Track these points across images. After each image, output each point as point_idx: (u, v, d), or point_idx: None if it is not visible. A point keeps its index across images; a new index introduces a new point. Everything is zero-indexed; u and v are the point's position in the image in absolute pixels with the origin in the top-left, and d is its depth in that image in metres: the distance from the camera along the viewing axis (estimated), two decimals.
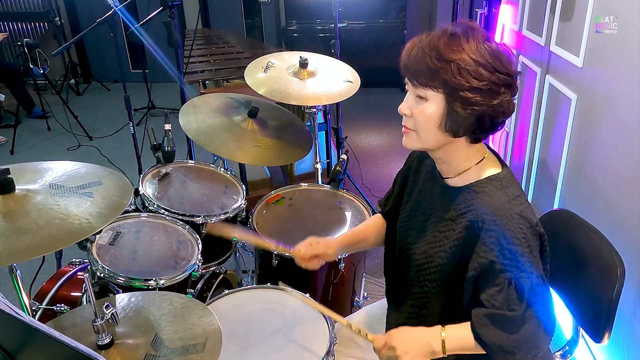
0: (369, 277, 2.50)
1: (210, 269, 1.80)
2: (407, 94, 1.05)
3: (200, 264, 1.57)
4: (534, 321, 1.00)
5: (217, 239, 1.82)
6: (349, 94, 2.03)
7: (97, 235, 1.54)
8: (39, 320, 1.47)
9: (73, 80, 5.86)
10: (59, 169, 1.25)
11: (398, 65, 1.03)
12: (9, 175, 1.09)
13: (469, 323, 1.06)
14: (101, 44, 6.00)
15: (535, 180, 2.48)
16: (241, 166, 2.84)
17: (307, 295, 1.42)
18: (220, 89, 3.00)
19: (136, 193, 1.76)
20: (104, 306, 1.04)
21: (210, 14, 5.79)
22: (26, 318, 0.71)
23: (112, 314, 1.04)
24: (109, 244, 1.55)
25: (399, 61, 1.03)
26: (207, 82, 3.06)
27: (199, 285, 1.67)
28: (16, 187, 1.11)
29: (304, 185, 2.00)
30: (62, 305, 1.49)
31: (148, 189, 1.82)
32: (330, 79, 2.08)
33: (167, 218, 1.69)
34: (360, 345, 1.37)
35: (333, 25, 2.72)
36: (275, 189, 1.96)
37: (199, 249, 1.61)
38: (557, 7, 2.17)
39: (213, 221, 1.74)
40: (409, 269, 1.18)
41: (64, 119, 4.52)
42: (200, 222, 1.72)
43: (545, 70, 2.34)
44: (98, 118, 5.03)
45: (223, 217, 1.77)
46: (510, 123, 2.96)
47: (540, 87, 2.39)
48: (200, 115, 1.99)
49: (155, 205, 1.72)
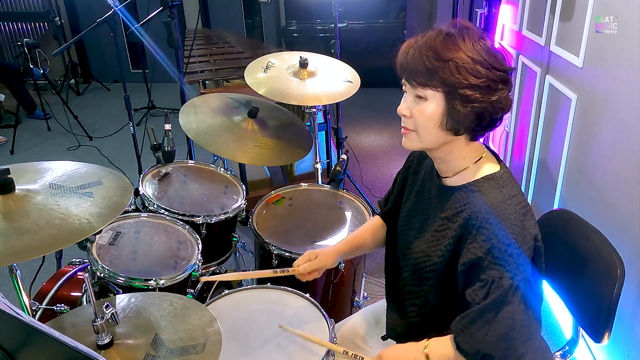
0: (369, 277, 2.50)
1: (210, 269, 1.80)
2: (405, 95, 1.06)
3: (200, 264, 1.57)
4: (509, 321, 0.98)
5: (217, 238, 1.83)
6: (349, 94, 2.03)
7: (97, 235, 1.54)
8: (39, 320, 1.47)
9: (73, 80, 5.87)
10: (59, 169, 1.25)
11: (394, 66, 1.04)
12: (9, 175, 1.09)
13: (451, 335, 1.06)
14: (101, 44, 6.01)
15: (535, 180, 2.48)
16: (241, 166, 2.84)
17: (305, 292, 1.43)
18: (220, 89, 3.00)
19: (136, 193, 1.77)
20: (104, 306, 1.04)
21: (210, 14, 5.79)
22: (26, 318, 0.71)
23: (112, 314, 1.04)
24: (109, 244, 1.55)
25: (395, 62, 1.04)
26: (207, 82, 3.06)
27: (199, 286, 1.67)
28: (16, 187, 1.11)
29: (304, 185, 2.00)
30: (62, 305, 1.50)
31: (148, 189, 1.82)
32: (330, 79, 2.08)
33: (167, 218, 1.69)
34: (359, 346, 1.38)
35: (333, 25, 2.72)
36: (275, 189, 1.96)
37: (199, 249, 1.61)
38: (557, 7, 2.17)
39: (213, 221, 1.74)
40: (407, 268, 1.19)
41: (64, 119, 4.52)
42: (200, 222, 1.72)
43: (545, 70, 2.34)
44: (98, 118, 5.03)
45: (223, 217, 1.77)
46: (510, 123, 2.96)
47: (540, 87, 2.39)
48: (200, 115, 1.99)
49: (155, 205, 1.72)
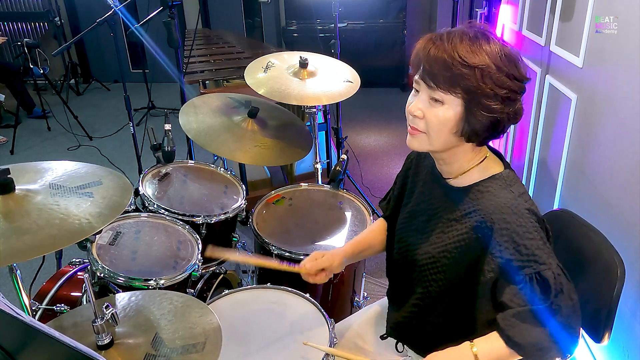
0: (369, 277, 2.50)
1: (210, 269, 1.80)
2: (419, 94, 1.01)
3: (200, 264, 1.57)
4: (565, 310, 0.98)
5: (218, 239, 1.83)
6: (349, 94, 2.03)
7: (97, 235, 1.54)
8: (39, 320, 1.47)
9: (73, 80, 5.86)
10: (59, 169, 1.25)
11: (406, 63, 1.02)
12: (9, 175, 1.09)
13: (495, 332, 1.03)
14: (101, 44, 6.00)
15: (535, 180, 2.48)
16: (241, 166, 2.84)
17: (307, 294, 1.43)
18: (220, 89, 3.00)
19: (136, 193, 1.77)
20: (104, 306, 1.04)
21: (210, 14, 5.79)
22: (26, 318, 0.71)
23: (112, 314, 1.04)
24: (109, 244, 1.56)
25: (407, 59, 1.02)
26: (207, 82, 3.06)
27: (199, 285, 1.68)
28: (16, 187, 1.11)
29: (304, 185, 2.00)
30: (62, 305, 1.50)
31: (148, 189, 1.82)
32: (330, 79, 2.08)
33: (167, 218, 1.69)
34: (360, 346, 1.37)
35: (333, 25, 2.72)
36: (275, 189, 1.96)
37: (199, 249, 1.61)
38: (557, 7, 2.17)
39: (213, 221, 1.74)
40: (411, 270, 1.17)
41: (64, 119, 4.52)
42: (200, 222, 1.72)
43: (545, 70, 2.34)
44: (98, 118, 5.02)
45: (223, 217, 1.77)
46: None
47: (540, 87, 2.39)
48: (200, 115, 1.99)
49: (155, 205, 1.72)
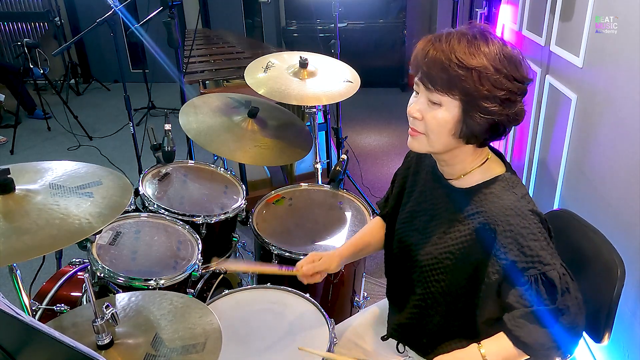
0: (369, 277, 2.50)
1: (210, 269, 1.80)
2: (418, 96, 1.01)
3: (200, 264, 1.57)
4: (572, 309, 0.98)
5: (217, 238, 1.83)
6: (349, 94, 2.03)
7: (97, 235, 1.54)
8: (39, 320, 1.47)
9: (73, 80, 5.86)
10: (59, 169, 1.25)
11: (405, 63, 1.02)
12: (9, 176, 1.09)
13: (502, 332, 1.03)
14: (101, 44, 6.00)
15: (535, 180, 2.48)
16: (241, 166, 2.84)
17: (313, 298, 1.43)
18: (220, 89, 3.00)
19: (136, 193, 1.77)
20: (104, 306, 1.04)
21: (210, 14, 5.79)
22: (26, 318, 0.71)
23: (112, 314, 1.04)
24: (109, 244, 1.56)
25: (407, 59, 1.02)
26: (207, 82, 3.06)
27: (199, 285, 1.68)
28: (16, 187, 1.11)
29: (304, 185, 2.00)
30: (62, 305, 1.50)
31: (148, 189, 1.82)
32: (330, 79, 2.08)
33: (167, 218, 1.69)
34: (360, 346, 1.37)
35: (333, 25, 2.72)
36: (275, 189, 1.96)
37: (199, 249, 1.61)
38: (557, 7, 2.16)
39: (213, 221, 1.74)
40: (412, 270, 1.17)
41: (64, 119, 4.52)
42: (200, 222, 1.72)
43: (545, 70, 2.34)
44: (98, 118, 5.02)
45: (223, 217, 1.77)
46: None
47: (540, 87, 2.39)
48: (200, 115, 1.99)
49: (155, 205, 1.72)
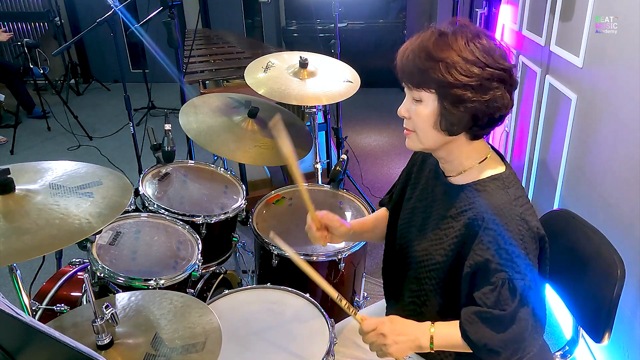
0: (369, 277, 2.50)
1: (210, 269, 1.80)
2: (405, 97, 1.07)
3: (200, 264, 1.56)
4: (524, 322, 1.00)
5: (217, 238, 1.83)
6: (349, 94, 2.03)
7: (97, 235, 1.54)
8: (39, 320, 1.47)
9: (73, 80, 5.86)
10: (59, 169, 1.25)
11: (394, 68, 1.05)
12: (9, 176, 1.09)
13: (459, 321, 1.07)
14: (101, 44, 6.00)
15: (535, 180, 2.48)
16: (241, 166, 2.84)
17: (307, 294, 1.43)
18: (220, 89, 3.00)
19: (136, 193, 1.77)
20: (104, 306, 1.03)
21: (210, 14, 5.79)
22: (26, 318, 0.71)
23: (112, 314, 1.04)
24: (109, 244, 1.55)
25: (394, 64, 1.05)
26: (207, 82, 3.06)
27: (199, 285, 1.68)
28: (16, 187, 1.11)
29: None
30: (62, 305, 1.49)
31: (148, 189, 1.82)
32: (330, 79, 2.08)
33: (167, 218, 1.69)
34: (360, 346, 1.37)
35: (333, 25, 2.72)
36: (275, 189, 1.96)
37: (199, 249, 1.61)
38: (557, 7, 2.17)
39: (213, 221, 1.74)
40: (408, 266, 1.19)
41: (64, 119, 4.52)
42: (200, 222, 1.72)
43: (545, 70, 2.34)
44: (98, 118, 5.02)
45: (223, 217, 1.77)
46: (510, 123, 2.96)
47: (540, 87, 2.39)
48: (200, 115, 1.99)
49: (155, 205, 1.72)
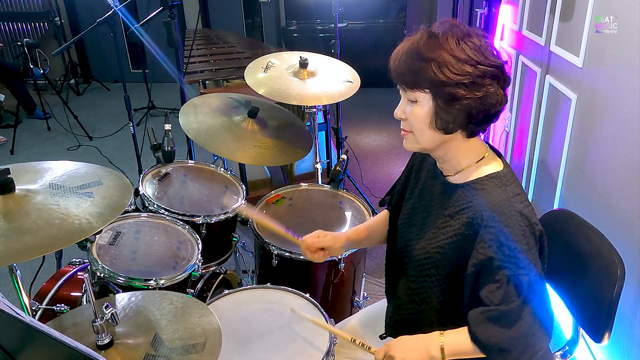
0: (369, 277, 2.50)
1: (210, 269, 1.80)
2: (401, 99, 1.08)
3: (200, 264, 1.57)
4: (530, 318, 1.00)
5: (217, 238, 1.83)
6: (349, 94, 2.03)
7: (97, 235, 1.54)
8: (39, 320, 1.47)
9: (73, 80, 5.86)
10: (59, 169, 1.25)
11: (389, 71, 1.06)
12: (9, 176, 1.09)
13: (467, 327, 1.06)
14: (101, 44, 6.00)
15: (535, 180, 2.48)
16: (241, 166, 2.84)
17: (308, 295, 1.43)
18: (220, 89, 3.00)
19: (136, 193, 1.77)
20: (104, 306, 1.04)
21: (210, 14, 5.79)
22: (26, 318, 0.71)
23: (112, 314, 1.04)
24: (109, 244, 1.55)
25: (389, 68, 1.06)
26: (207, 82, 3.06)
27: (199, 285, 1.68)
28: (16, 187, 1.11)
29: (304, 185, 2.00)
30: (62, 305, 1.49)
31: (148, 189, 1.82)
32: (330, 79, 2.08)
33: (167, 218, 1.69)
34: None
35: (333, 25, 2.72)
36: (275, 189, 1.96)
37: (199, 249, 1.61)
38: (557, 7, 2.17)
39: (213, 221, 1.74)
40: (408, 265, 1.19)
41: (64, 119, 4.52)
42: (200, 222, 1.72)
43: (545, 70, 2.34)
44: (98, 118, 5.02)
45: (223, 217, 1.77)
46: (510, 123, 2.96)
47: (540, 87, 2.39)
48: (200, 115, 1.99)
49: (155, 205, 1.72)
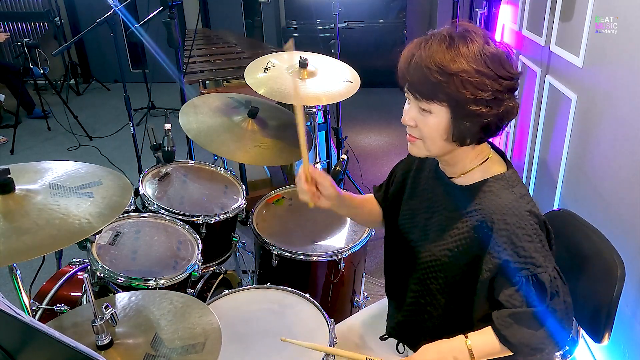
0: (369, 277, 2.50)
1: (210, 269, 1.80)
2: (409, 105, 1.03)
3: (200, 264, 1.56)
4: (558, 313, 0.99)
5: (217, 238, 1.83)
6: (349, 94, 2.02)
7: (97, 235, 1.54)
8: (39, 320, 1.47)
9: (73, 80, 5.86)
10: (59, 169, 1.25)
11: (395, 66, 1.02)
12: (9, 176, 1.09)
13: (490, 327, 1.05)
14: (101, 44, 6.00)
15: (535, 180, 2.48)
16: (241, 166, 2.84)
17: (309, 293, 1.43)
18: (220, 89, 3.00)
19: (136, 193, 1.77)
20: (104, 306, 1.03)
21: (210, 14, 5.78)
22: (26, 318, 0.71)
23: (112, 314, 1.04)
24: (109, 244, 1.55)
25: (396, 67, 1.00)
26: (207, 82, 3.06)
27: (199, 285, 1.68)
28: (16, 187, 1.11)
29: None
30: (62, 305, 1.49)
31: (148, 189, 1.82)
32: (330, 79, 2.07)
33: (167, 218, 1.69)
34: (360, 347, 1.37)
35: (333, 25, 2.72)
36: (275, 189, 1.96)
37: (199, 249, 1.61)
38: (557, 7, 2.16)
39: (213, 221, 1.74)
40: (412, 267, 1.18)
41: (64, 119, 4.52)
42: (200, 222, 1.72)
43: (545, 70, 2.34)
44: (98, 118, 5.02)
45: (223, 217, 1.77)
46: (510, 123, 2.95)
47: (540, 87, 2.39)
48: (200, 115, 1.99)
49: (155, 205, 1.72)
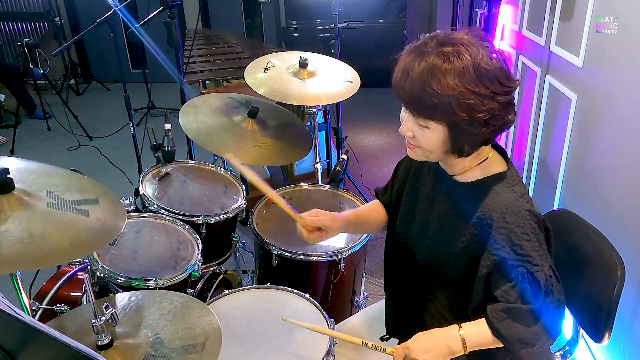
0: (369, 277, 2.50)
1: (210, 269, 1.80)
2: (406, 117, 1.03)
3: (200, 264, 1.56)
4: (552, 311, 1.01)
5: (217, 238, 1.83)
6: (349, 94, 2.03)
7: None
8: (39, 320, 1.47)
9: (73, 80, 5.86)
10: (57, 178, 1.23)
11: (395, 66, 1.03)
12: (8, 176, 1.09)
13: (484, 319, 1.07)
14: (101, 44, 6.00)
15: (535, 180, 2.48)
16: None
17: (308, 295, 1.43)
18: (220, 89, 3.00)
19: (136, 193, 1.77)
20: (104, 306, 1.03)
21: (210, 14, 5.79)
22: (26, 318, 0.71)
23: (112, 314, 1.04)
24: (109, 244, 1.55)
25: (392, 83, 1.02)
26: (207, 82, 3.06)
27: (199, 285, 1.67)
28: (16, 187, 1.10)
29: (304, 185, 2.00)
30: (62, 305, 1.49)
31: (148, 189, 1.82)
32: (330, 79, 2.07)
33: (167, 218, 1.69)
34: (360, 346, 1.37)
35: (333, 25, 2.72)
36: (275, 189, 1.96)
37: (199, 249, 1.61)
38: (557, 7, 2.16)
39: (213, 221, 1.74)
40: (412, 264, 1.19)
41: (64, 119, 4.52)
42: (200, 222, 1.72)
43: (545, 70, 2.34)
44: (98, 118, 5.02)
45: (223, 217, 1.77)
46: None
47: (540, 87, 2.39)
48: (200, 115, 1.99)
49: (155, 205, 1.72)
